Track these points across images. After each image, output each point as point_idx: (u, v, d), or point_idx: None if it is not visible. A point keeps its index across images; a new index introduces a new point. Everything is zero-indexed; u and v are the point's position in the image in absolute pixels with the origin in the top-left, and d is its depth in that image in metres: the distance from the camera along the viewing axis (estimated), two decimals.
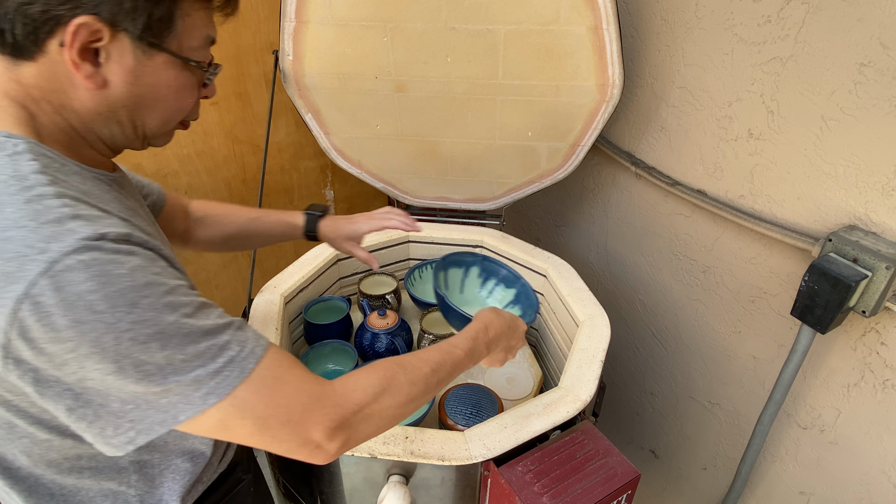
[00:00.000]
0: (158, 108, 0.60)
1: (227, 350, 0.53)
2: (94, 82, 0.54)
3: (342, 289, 1.39)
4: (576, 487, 0.81)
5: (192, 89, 0.61)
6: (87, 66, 0.53)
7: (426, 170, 1.38)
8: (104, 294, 0.47)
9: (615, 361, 1.58)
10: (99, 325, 0.46)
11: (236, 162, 1.58)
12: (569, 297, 1.15)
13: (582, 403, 0.91)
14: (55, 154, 0.55)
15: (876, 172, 0.85)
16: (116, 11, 0.51)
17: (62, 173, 0.53)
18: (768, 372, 1.13)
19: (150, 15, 0.53)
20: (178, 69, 0.58)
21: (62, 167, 0.54)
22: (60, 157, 0.55)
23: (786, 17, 0.92)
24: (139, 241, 0.52)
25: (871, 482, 0.98)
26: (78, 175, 0.56)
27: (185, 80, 0.59)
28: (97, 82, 0.54)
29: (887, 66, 0.80)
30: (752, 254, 1.10)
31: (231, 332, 0.54)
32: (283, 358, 0.58)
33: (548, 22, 1.10)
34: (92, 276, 0.46)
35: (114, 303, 0.47)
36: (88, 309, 0.46)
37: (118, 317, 0.47)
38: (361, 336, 1.19)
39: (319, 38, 1.17)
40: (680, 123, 1.19)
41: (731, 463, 1.28)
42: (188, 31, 0.57)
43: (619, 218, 1.45)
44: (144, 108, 0.59)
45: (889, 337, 0.90)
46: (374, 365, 0.65)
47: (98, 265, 0.47)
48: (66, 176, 0.54)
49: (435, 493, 0.89)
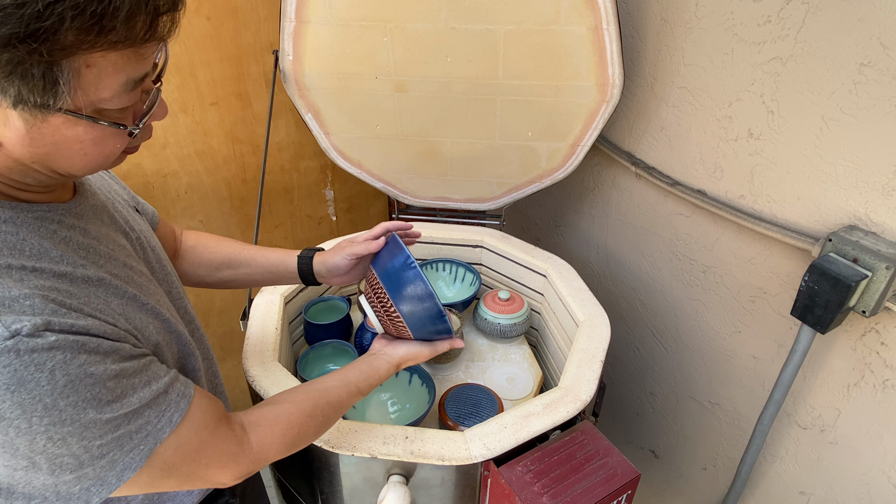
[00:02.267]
0: (77, 160, 0.50)
1: (146, 425, 0.52)
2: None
3: (342, 289, 1.39)
4: (576, 487, 0.81)
5: (115, 137, 0.50)
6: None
7: (426, 170, 1.38)
8: (16, 401, 0.43)
9: (615, 361, 1.58)
10: (10, 430, 0.44)
11: (236, 162, 1.58)
12: (569, 297, 1.15)
13: (582, 403, 0.91)
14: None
15: (876, 172, 0.85)
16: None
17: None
18: (768, 372, 1.13)
19: (20, 87, 0.42)
20: (87, 125, 0.47)
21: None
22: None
23: (786, 17, 0.92)
24: (61, 327, 0.46)
25: (871, 482, 0.98)
26: (11, 223, 0.50)
27: (100, 132, 0.49)
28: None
29: (887, 66, 0.80)
30: (752, 254, 1.10)
31: (152, 406, 0.53)
32: (209, 415, 0.59)
33: (548, 22, 1.10)
34: (2, 384, 0.43)
35: (27, 409, 0.44)
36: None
37: (32, 422, 0.44)
38: (361, 336, 1.19)
39: (319, 38, 1.17)
40: (680, 123, 1.19)
41: (731, 463, 1.28)
42: (92, 83, 0.45)
43: (619, 218, 1.45)
44: (59, 161, 0.49)
45: (889, 337, 0.90)
46: (290, 417, 0.69)
47: (9, 372, 0.43)
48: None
49: (435, 493, 0.89)
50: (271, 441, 0.66)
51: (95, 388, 0.47)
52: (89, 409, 0.47)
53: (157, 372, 0.55)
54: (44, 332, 0.45)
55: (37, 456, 0.46)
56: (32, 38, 0.40)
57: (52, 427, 0.45)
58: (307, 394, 0.73)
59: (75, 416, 0.46)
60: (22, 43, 0.40)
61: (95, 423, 0.48)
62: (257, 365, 0.97)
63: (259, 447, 0.64)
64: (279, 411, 0.69)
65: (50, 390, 0.44)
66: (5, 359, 0.43)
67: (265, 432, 0.66)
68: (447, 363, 1.21)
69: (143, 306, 0.59)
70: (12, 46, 0.40)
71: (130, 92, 0.48)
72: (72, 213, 0.57)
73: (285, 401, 0.71)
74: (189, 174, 1.53)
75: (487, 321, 1.24)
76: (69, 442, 0.46)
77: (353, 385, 0.77)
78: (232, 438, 0.62)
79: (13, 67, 0.41)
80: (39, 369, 0.44)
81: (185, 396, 0.57)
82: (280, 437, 0.67)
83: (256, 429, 0.65)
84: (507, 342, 1.28)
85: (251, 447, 0.64)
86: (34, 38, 0.40)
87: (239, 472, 0.63)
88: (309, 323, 1.20)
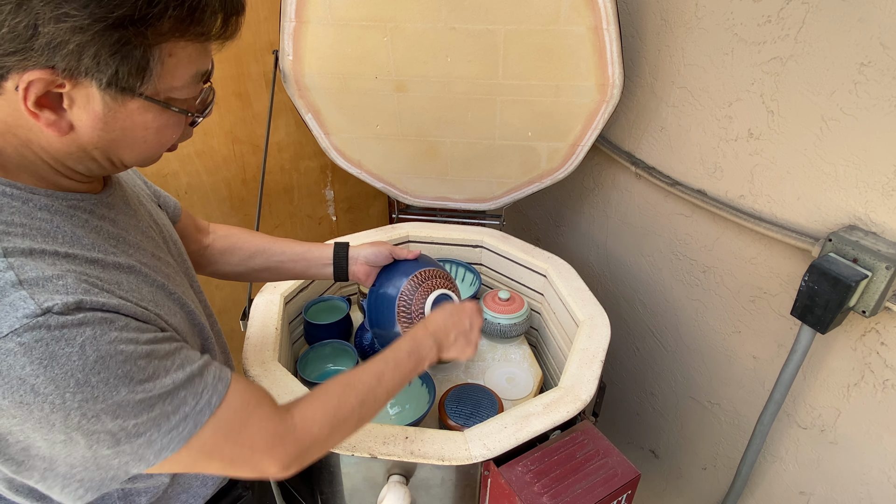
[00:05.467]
0: (137, 147, 0.54)
1: (182, 406, 0.52)
2: (58, 128, 0.48)
3: (342, 289, 1.39)
4: (576, 487, 0.81)
5: (177, 126, 0.55)
6: (47, 113, 0.47)
7: (426, 170, 1.38)
8: (49, 377, 0.44)
9: (615, 361, 1.58)
10: (45, 405, 0.45)
11: (236, 162, 1.58)
12: (569, 297, 1.15)
13: (582, 403, 0.91)
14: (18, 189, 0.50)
15: (876, 172, 0.85)
16: (75, 66, 0.44)
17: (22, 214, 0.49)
18: (768, 372, 1.13)
19: (119, 66, 0.46)
20: (157, 112, 0.52)
21: (24, 205, 0.50)
22: (26, 190, 0.51)
23: (786, 17, 0.92)
24: (93, 305, 0.47)
25: (871, 482, 0.98)
26: (46, 210, 0.51)
27: (165, 120, 0.53)
28: (61, 128, 0.48)
29: (887, 66, 0.80)
30: (752, 254, 1.10)
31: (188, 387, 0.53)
32: (249, 396, 0.59)
33: (548, 22, 1.10)
34: (34, 359, 0.44)
35: (60, 384, 0.44)
36: (32, 392, 0.44)
37: (66, 397, 0.45)
38: (361, 336, 1.19)
39: (319, 38, 1.17)
40: (680, 123, 1.19)
41: (731, 463, 1.28)
42: (170, 71, 0.50)
43: (619, 218, 1.45)
44: (121, 148, 0.53)
45: (889, 337, 0.90)
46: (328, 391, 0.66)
47: (41, 347, 0.44)
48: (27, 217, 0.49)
49: (435, 493, 0.89)
50: (314, 417, 0.63)
51: (126, 365, 0.48)
52: (121, 387, 0.47)
53: (189, 356, 0.55)
54: (74, 311, 0.46)
55: (73, 432, 0.46)
56: (141, 22, 0.45)
57: (84, 403, 0.46)
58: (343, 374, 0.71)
59: (108, 394, 0.47)
60: (133, 25, 0.44)
61: (128, 402, 0.48)
62: (257, 365, 0.97)
63: (304, 425, 0.62)
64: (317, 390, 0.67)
65: (81, 365, 0.45)
66: (37, 334, 0.44)
67: (307, 408, 0.63)
68: (447, 363, 1.21)
69: (171, 295, 0.60)
70: (123, 27, 0.44)
71: (196, 84, 0.53)
72: (103, 203, 0.58)
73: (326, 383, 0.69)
74: (189, 174, 1.53)
75: (487, 321, 1.24)
76: (103, 419, 0.47)
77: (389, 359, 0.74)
78: (274, 416, 0.60)
79: (119, 47, 0.45)
80: (70, 344, 0.45)
81: (222, 379, 0.56)
82: (321, 411, 0.64)
83: (298, 407, 0.63)
84: (507, 342, 1.28)
85: (296, 426, 0.61)
86: (143, 21, 0.45)
87: (286, 456, 0.60)
88: (309, 323, 1.19)
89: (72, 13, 0.42)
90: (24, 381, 0.44)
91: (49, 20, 0.42)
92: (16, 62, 0.44)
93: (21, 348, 0.43)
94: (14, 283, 0.45)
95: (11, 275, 0.45)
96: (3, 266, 0.45)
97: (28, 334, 0.44)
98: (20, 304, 0.44)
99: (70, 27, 0.43)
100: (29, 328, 0.44)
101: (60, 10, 0.42)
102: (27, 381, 0.44)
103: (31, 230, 0.49)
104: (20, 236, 0.48)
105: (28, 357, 0.43)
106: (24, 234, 0.48)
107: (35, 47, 0.43)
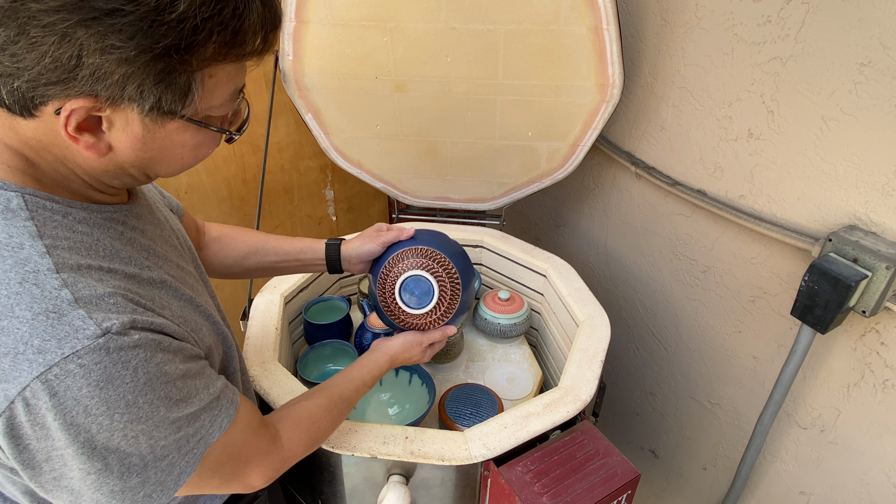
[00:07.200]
0: (174, 164, 0.54)
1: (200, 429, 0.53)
2: (97, 150, 0.48)
3: (342, 289, 1.39)
4: (576, 487, 0.81)
5: (213, 142, 0.55)
6: (86, 136, 0.47)
7: (426, 170, 1.38)
8: (103, 398, 0.44)
9: (615, 361, 1.58)
10: (93, 426, 0.45)
11: (236, 162, 1.58)
12: (569, 297, 1.15)
13: (582, 403, 0.91)
14: (57, 203, 0.49)
15: (876, 172, 0.85)
16: (118, 94, 0.44)
17: (64, 228, 0.49)
18: (768, 372, 1.13)
19: (162, 94, 0.46)
20: (195, 130, 0.52)
21: (64, 218, 0.50)
22: (65, 203, 0.50)
23: (786, 17, 0.92)
24: (143, 325, 0.48)
25: (871, 482, 0.98)
26: (85, 223, 0.51)
27: (202, 137, 0.53)
28: (100, 150, 0.48)
29: (887, 66, 0.80)
30: (752, 254, 1.10)
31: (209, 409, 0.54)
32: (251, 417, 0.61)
33: (548, 22, 1.10)
34: (91, 381, 0.44)
35: (112, 405, 0.45)
36: (85, 412, 0.44)
37: (114, 419, 0.45)
38: (361, 336, 1.19)
39: (319, 38, 1.17)
40: (680, 123, 1.19)
41: (731, 463, 1.28)
42: (210, 91, 0.49)
43: (619, 218, 1.45)
44: (157, 164, 0.53)
45: (889, 337, 0.90)
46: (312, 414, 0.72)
47: (100, 369, 0.44)
48: (69, 230, 0.49)
49: (435, 493, 0.89)
50: (298, 438, 0.68)
51: (168, 386, 0.49)
52: (161, 407, 0.48)
53: (211, 376, 0.56)
54: (129, 331, 0.46)
55: (110, 456, 0.46)
56: (187, 50, 0.44)
57: (129, 424, 0.46)
58: (321, 392, 0.76)
59: (150, 414, 0.47)
60: (178, 54, 0.44)
61: (164, 422, 0.49)
62: (257, 365, 0.97)
63: (289, 444, 0.67)
64: (300, 410, 0.71)
65: (133, 387, 0.46)
66: (97, 356, 0.44)
67: (292, 430, 0.68)
68: (447, 363, 1.21)
69: (198, 308, 0.60)
70: (169, 56, 0.44)
71: (233, 101, 0.53)
72: (133, 214, 0.58)
73: (303, 399, 0.74)
74: (189, 174, 1.53)
75: (487, 321, 1.24)
76: (140, 441, 0.48)
77: (357, 379, 0.81)
78: (268, 437, 0.64)
79: (164, 75, 0.44)
80: (126, 367, 0.45)
81: (233, 403, 0.58)
82: (305, 433, 0.69)
83: (284, 427, 0.68)
84: (507, 342, 1.28)
85: (283, 445, 0.66)
86: (188, 50, 0.44)
87: (271, 471, 0.64)
88: (309, 323, 1.20)
89: (118, 45, 0.41)
90: (79, 402, 0.44)
91: (94, 52, 0.41)
92: (58, 91, 0.43)
93: (81, 370, 0.43)
94: (70, 301, 0.45)
95: (67, 293, 0.45)
96: (57, 284, 0.45)
97: (88, 356, 0.44)
98: (79, 324, 0.44)
99: (116, 59, 0.42)
100: (90, 350, 0.44)
101: (106, 42, 0.41)
102: (81, 401, 0.44)
103: (75, 244, 0.49)
104: (67, 250, 0.48)
105: (86, 379, 0.44)
106: (69, 247, 0.48)
107: (79, 77, 0.42)
